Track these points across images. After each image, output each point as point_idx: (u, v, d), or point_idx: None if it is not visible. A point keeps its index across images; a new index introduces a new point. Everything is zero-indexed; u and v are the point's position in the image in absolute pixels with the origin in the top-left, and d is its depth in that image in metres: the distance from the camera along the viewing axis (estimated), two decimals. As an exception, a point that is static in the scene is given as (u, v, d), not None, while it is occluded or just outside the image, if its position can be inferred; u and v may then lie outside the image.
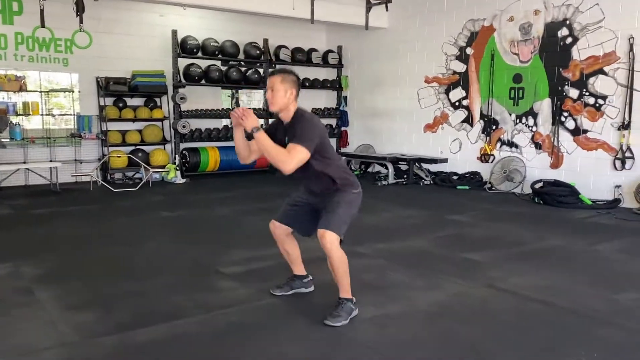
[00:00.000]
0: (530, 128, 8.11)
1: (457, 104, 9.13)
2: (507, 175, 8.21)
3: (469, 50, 8.86)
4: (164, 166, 9.26)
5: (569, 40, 7.50)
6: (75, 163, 8.97)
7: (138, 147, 9.35)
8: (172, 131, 9.56)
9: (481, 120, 8.78)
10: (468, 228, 5.84)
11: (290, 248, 3.59)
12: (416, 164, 9.27)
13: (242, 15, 9.72)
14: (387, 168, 9.27)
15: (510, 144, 8.39)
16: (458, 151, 9.16)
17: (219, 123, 10.43)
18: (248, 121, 3.11)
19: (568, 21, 7.50)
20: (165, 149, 9.60)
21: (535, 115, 8.02)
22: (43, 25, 6.79)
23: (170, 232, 5.64)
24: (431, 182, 9.03)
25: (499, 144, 8.56)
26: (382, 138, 10.49)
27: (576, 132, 7.52)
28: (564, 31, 7.56)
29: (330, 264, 3.20)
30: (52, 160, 8.64)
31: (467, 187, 8.53)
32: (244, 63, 10.27)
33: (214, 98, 10.48)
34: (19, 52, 8.44)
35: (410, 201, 7.52)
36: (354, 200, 3.27)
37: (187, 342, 2.94)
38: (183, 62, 9.53)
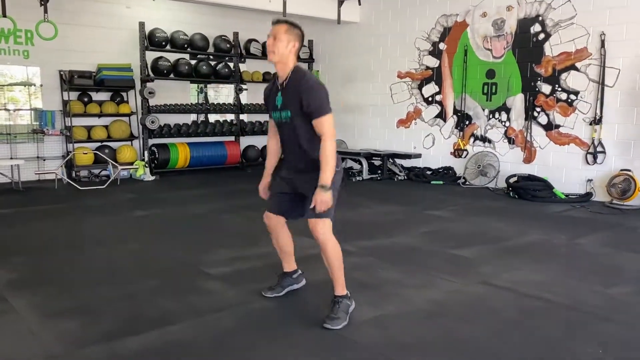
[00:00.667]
0: (503, 123, 8.19)
1: (430, 99, 9.15)
2: (481, 170, 8.27)
3: (442, 46, 8.88)
4: (132, 163, 8.96)
5: (542, 36, 7.60)
6: (38, 160, 8.57)
7: (104, 144, 9.01)
8: (140, 127, 9.25)
9: (454, 116, 8.82)
10: (449, 223, 5.84)
11: (284, 240, 3.47)
12: (390, 159, 9.25)
13: (212, 7, 9.48)
14: (361, 164, 9.22)
15: (484, 139, 8.46)
16: (431, 146, 9.18)
17: (189, 118, 10.18)
18: (327, 202, 2.97)
19: (541, 17, 7.59)
20: (132, 145, 9.29)
21: (508, 111, 8.10)
22: (5, 15, 6.42)
23: (147, 232, 5.42)
24: (405, 178, 9.04)
25: (472, 139, 8.62)
26: (355, 133, 10.44)
27: (549, 127, 7.63)
28: (536, 27, 7.65)
29: (324, 255, 3.11)
30: (13, 158, 8.23)
31: (442, 182, 8.57)
32: (213, 57, 10.03)
33: (183, 92, 10.21)
34: (-25, 43, 8.00)
35: (387, 197, 7.49)
36: (336, 180, 3.11)
37: (183, 350, 2.78)
38: (151, 56, 9.23)
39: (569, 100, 7.38)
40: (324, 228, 3.04)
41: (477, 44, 8.39)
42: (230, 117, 10.73)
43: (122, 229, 5.55)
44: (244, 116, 10.57)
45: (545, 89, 7.61)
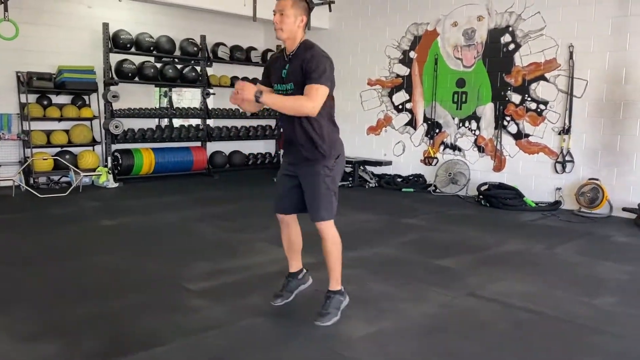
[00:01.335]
0: (473, 132, 8.27)
1: (401, 107, 9.17)
2: (452, 178, 8.33)
3: (413, 54, 8.92)
4: (94, 169, 8.59)
5: (512, 46, 7.72)
6: (-7, 166, 8.12)
7: (65, 149, 8.61)
8: (103, 131, 8.90)
9: (424, 124, 8.87)
10: (427, 232, 5.82)
11: (295, 235, 3.44)
12: (361, 166, 9.21)
13: (179, 9, 9.24)
14: (332, 171, 9.13)
15: (454, 147, 8.53)
16: (402, 154, 9.20)
17: (153, 123, 9.88)
18: (246, 92, 2.86)
19: (511, 28, 7.71)
20: (95, 151, 8.93)
21: (478, 120, 8.19)
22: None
23: (117, 244, 5.16)
24: (376, 185, 9.01)
25: (442, 147, 8.68)
26: (324, 140, 10.33)
27: (518, 136, 7.75)
28: (506, 38, 7.77)
29: (324, 246, 3.17)
30: (-34, 163, 7.77)
31: (412, 190, 8.57)
32: (179, 60, 9.77)
33: (148, 96, 9.90)
34: None
35: (361, 204, 7.43)
36: (338, 171, 3.16)
37: (176, 374, 2.62)
38: (115, 58, 8.90)
39: (539, 110, 7.51)
40: (327, 225, 3.15)
41: (448, 53, 8.47)
42: (195, 122, 10.46)
43: (90, 240, 5.27)
44: (210, 121, 10.33)
45: (515, 98, 7.73)
